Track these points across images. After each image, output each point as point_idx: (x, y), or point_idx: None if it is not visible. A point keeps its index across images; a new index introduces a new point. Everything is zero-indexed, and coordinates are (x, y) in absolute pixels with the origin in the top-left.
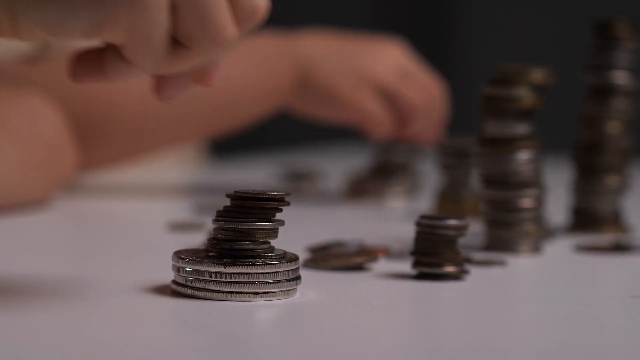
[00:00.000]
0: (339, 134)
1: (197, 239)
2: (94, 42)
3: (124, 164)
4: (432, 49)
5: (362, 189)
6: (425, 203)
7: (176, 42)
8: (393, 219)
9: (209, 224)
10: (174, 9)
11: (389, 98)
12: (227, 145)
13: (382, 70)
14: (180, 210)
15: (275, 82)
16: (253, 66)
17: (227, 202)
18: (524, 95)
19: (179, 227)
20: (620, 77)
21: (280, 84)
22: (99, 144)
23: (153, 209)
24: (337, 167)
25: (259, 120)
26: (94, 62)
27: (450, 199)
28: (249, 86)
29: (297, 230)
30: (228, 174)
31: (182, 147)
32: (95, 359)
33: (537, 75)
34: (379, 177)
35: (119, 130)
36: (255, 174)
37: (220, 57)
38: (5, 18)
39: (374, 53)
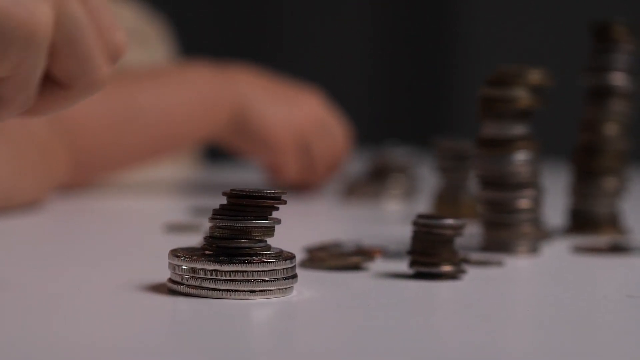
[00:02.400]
0: None
1: (193, 241)
2: None
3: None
4: (432, 51)
5: (359, 192)
6: (422, 206)
7: (53, 83)
8: (390, 221)
9: (206, 226)
10: (54, 50)
11: (303, 148)
12: (224, 149)
13: (304, 121)
14: (177, 211)
15: (212, 118)
16: (192, 103)
17: (224, 200)
18: (522, 96)
19: (175, 228)
20: (619, 80)
21: (216, 120)
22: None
23: (149, 211)
24: (344, 165)
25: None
26: None
27: (448, 202)
28: (188, 121)
29: (294, 231)
30: (225, 176)
31: (129, 171)
32: (92, 357)
33: (535, 76)
34: (377, 180)
35: (83, 152)
36: (253, 177)
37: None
38: None
39: (298, 102)
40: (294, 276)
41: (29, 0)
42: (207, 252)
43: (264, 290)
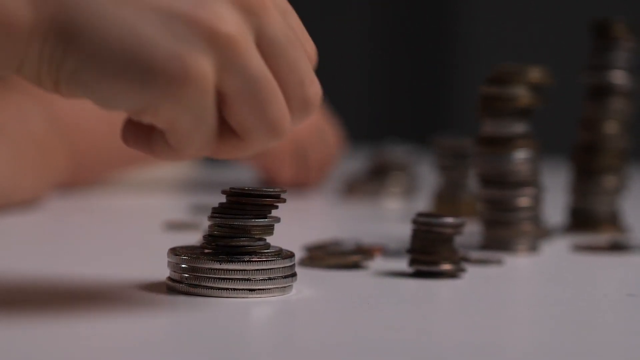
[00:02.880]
0: None
1: (193, 239)
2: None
3: (88, 182)
4: (432, 50)
5: (359, 190)
6: (422, 204)
7: (230, 131)
8: (390, 220)
9: (205, 224)
10: (225, 102)
11: (300, 155)
12: None
13: (303, 129)
14: (177, 209)
15: None
16: None
17: (224, 198)
18: (521, 94)
19: (175, 226)
20: (619, 78)
21: None
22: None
23: (149, 209)
24: (335, 168)
25: None
26: (145, 132)
27: (447, 200)
28: None
29: (294, 229)
30: (224, 175)
31: (141, 167)
32: (90, 355)
33: (535, 74)
34: (376, 179)
35: (86, 146)
36: (252, 176)
37: (272, 146)
38: (50, 83)
39: None
40: (293, 275)
41: (188, 52)
42: (206, 251)
43: (263, 289)
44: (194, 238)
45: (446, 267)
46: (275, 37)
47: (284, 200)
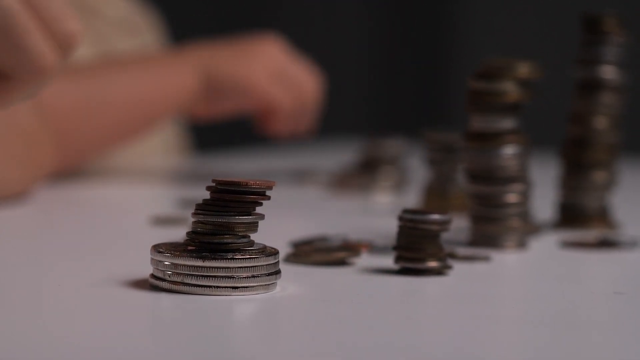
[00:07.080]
0: (326, 129)
1: (180, 234)
2: None
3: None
4: (424, 44)
5: (349, 184)
6: (412, 198)
7: None
8: (379, 215)
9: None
10: None
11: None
12: (213, 140)
13: (258, 74)
14: (164, 203)
15: (177, 88)
16: (153, 77)
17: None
18: (510, 89)
19: (162, 221)
20: (609, 72)
21: (182, 88)
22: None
23: (136, 202)
24: (325, 162)
25: (163, 124)
26: None
27: (437, 194)
28: (154, 97)
29: (281, 225)
30: (214, 168)
31: (106, 153)
32: (73, 352)
33: (523, 69)
34: (366, 173)
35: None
36: (244, 167)
37: (43, 87)
38: None
39: (251, 55)
40: (278, 272)
41: None
42: (189, 248)
43: (247, 287)
44: (180, 234)
45: (432, 264)
46: None
47: (268, 198)
